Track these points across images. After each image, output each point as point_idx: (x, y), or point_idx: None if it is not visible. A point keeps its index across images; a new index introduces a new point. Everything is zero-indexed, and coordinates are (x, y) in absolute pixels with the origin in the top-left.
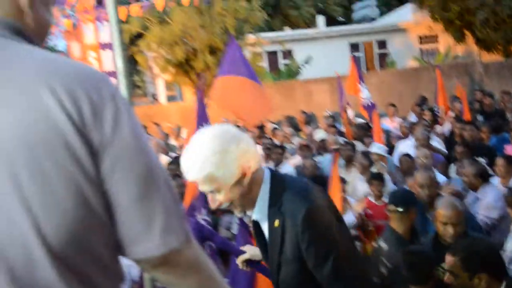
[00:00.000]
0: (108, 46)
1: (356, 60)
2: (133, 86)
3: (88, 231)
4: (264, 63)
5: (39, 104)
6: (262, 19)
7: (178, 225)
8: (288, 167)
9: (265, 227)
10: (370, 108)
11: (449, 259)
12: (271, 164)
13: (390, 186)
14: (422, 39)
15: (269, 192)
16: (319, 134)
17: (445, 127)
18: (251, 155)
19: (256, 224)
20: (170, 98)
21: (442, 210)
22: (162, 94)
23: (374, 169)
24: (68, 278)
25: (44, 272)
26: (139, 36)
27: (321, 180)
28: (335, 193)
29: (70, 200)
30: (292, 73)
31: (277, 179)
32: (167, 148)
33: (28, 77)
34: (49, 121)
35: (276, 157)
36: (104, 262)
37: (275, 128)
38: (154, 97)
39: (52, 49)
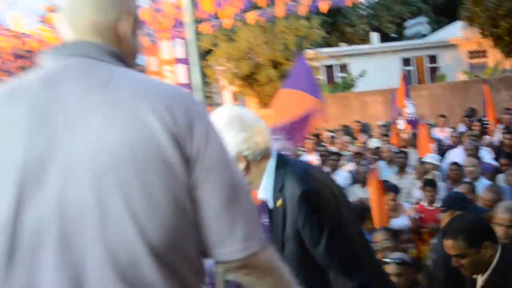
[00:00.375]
0: (182, 61)
1: (406, 77)
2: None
3: (182, 234)
4: (322, 76)
5: (142, 123)
6: (320, 36)
7: (257, 231)
8: (343, 172)
9: (270, 207)
10: (413, 122)
11: (452, 244)
12: (327, 169)
13: (442, 192)
14: (472, 54)
15: (274, 174)
16: (373, 143)
17: (495, 138)
18: (249, 145)
19: (265, 203)
20: None
21: (503, 213)
22: (228, 104)
23: (428, 176)
24: (166, 276)
25: (147, 271)
26: (208, 52)
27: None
28: (378, 198)
29: (168, 206)
30: (348, 85)
31: (281, 162)
32: None
33: (132, 99)
34: (151, 138)
35: (331, 163)
36: (193, 262)
37: (332, 137)
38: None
39: None
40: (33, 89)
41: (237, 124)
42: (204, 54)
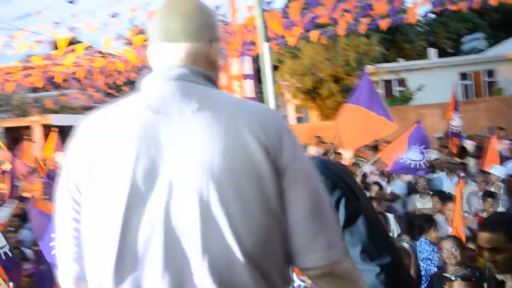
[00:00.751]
0: (249, 76)
1: (455, 91)
2: None
3: (272, 241)
4: (380, 90)
5: (239, 138)
6: (379, 52)
7: (339, 240)
8: (400, 182)
9: None
10: (457, 135)
11: (488, 237)
12: (384, 179)
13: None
14: None
15: None
16: (432, 154)
17: None
18: None
19: None
20: (299, 120)
21: None
22: (291, 116)
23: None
24: (258, 280)
25: (242, 275)
26: (274, 68)
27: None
28: (457, 209)
29: (260, 214)
30: (406, 99)
31: None
32: None
33: (229, 117)
34: (247, 151)
35: (388, 174)
36: (281, 267)
37: None
38: (285, 119)
39: None
40: (141, 110)
41: None
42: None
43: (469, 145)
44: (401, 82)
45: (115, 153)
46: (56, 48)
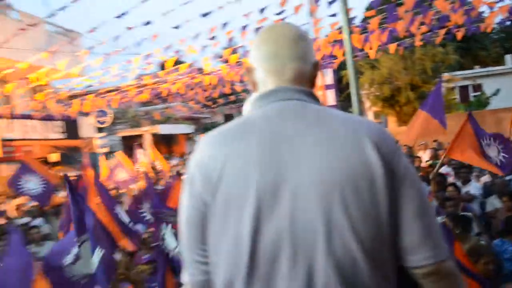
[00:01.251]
0: (330, 86)
1: None
2: None
3: (384, 240)
4: (456, 96)
5: (360, 151)
6: (455, 60)
7: (442, 241)
8: (476, 184)
9: None
10: None
11: None
12: (459, 181)
13: None
14: None
15: None
16: None
17: None
18: None
19: None
20: None
21: None
22: None
23: None
24: (375, 273)
25: (363, 274)
26: None
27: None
28: None
29: (377, 218)
30: (482, 103)
31: None
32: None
33: (346, 132)
34: (367, 163)
35: (463, 175)
36: (390, 266)
37: None
38: None
39: None
40: (259, 126)
41: None
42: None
43: None
44: (477, 88)
45: (240, 168)
46: (163, 68)
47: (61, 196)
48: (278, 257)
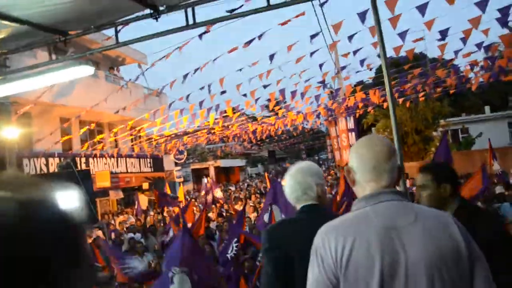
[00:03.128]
0: (352, 130)
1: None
2: None
3: None
4: (449, 138)
5: (452, 238)
6: (449, 110)
7: None
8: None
9: None
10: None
11: (419, 176)
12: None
13: None
14: None
15: None
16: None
17: None
18: (288, 193)
19: None
20: None
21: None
22: None
23: None
24: None
25: None
26: (372, 125)
27: None
28: None
29: (463, 284)
30: (469, 143)
31: (301, 213)
32: None
33: (439, 223)
34: (457, 247)
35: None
36: None
37: None
38: None
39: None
40: (373, 221)
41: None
42: (370, 126)
43: None
44: (464, 131)
45: (366, 252)
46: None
47: (152, 214)
48: None
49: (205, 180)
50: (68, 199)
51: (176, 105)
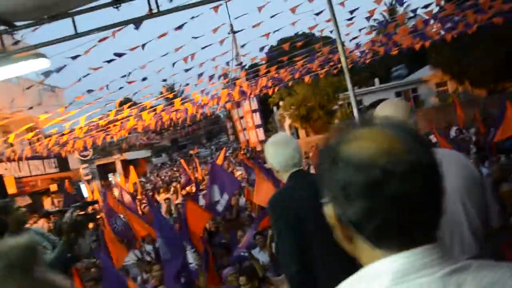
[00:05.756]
0: (256, 110)
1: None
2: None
3: (483, 215)
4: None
5: (469, 169)
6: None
7: None
8: None
9: None
10: None
11: None
12: None
13: None
14: (438, 85)
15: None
16: None
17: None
18: (276, 162)
19: None
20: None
21: None
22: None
23: None
24: (480, 248)
25: (469, 244)
26: (277, 103)
27: None
28: None
29: (482, 206)
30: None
31: (292, 179)
32: None
33: (461, 161)
34: (474, 175)
35: None
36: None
37: None
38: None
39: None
40: None
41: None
42: (275, 105)
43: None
44: (360, 102)
45: None
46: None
47: None
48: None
49: (112, 177)
50: None
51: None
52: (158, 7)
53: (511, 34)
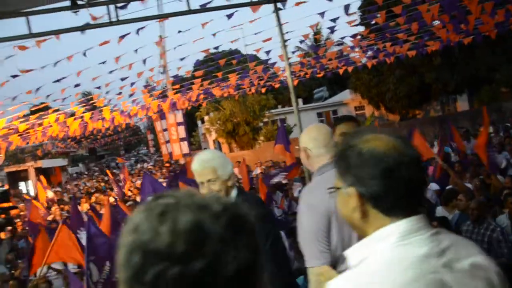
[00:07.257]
0: (180, 123)
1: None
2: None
3: None
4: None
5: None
6: (273, 103)
7: None
8: None
9: None
10: None
11: None
12: None
13: None
14: (356, 109)
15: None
16: None
17: None
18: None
19: None
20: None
21: None
22: (211, 147)
23: None
24: None
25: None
26: (202, 119)
27: None
28: None
29: None
30: (288, 132)
31: (240, 192)
32: None
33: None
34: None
35: None
36: None
37: None
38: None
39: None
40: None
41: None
42: (202, 120)
43: None
44: (284, 121)
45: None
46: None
47: None
48: None
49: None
50: None
51: None
52: (117, 15)
53: (423, 65)
